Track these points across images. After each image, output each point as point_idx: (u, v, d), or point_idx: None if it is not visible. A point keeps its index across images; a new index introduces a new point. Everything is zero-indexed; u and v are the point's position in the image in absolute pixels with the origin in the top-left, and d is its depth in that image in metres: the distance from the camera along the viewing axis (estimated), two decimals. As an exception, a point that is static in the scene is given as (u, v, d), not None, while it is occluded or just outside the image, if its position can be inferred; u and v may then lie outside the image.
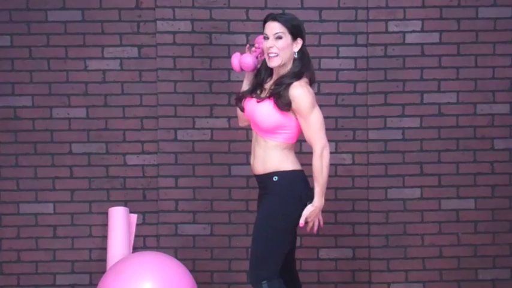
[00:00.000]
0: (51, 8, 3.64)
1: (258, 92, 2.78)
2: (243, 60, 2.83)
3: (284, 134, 2.75)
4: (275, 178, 2.72)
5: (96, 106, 3.67)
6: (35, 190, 3.68)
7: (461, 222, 3.71)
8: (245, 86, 2.91)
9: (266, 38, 2.71)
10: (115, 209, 3.58)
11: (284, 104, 2.68)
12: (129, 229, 3.57)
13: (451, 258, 3.71)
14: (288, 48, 2.70)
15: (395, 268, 3.71)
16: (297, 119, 2.74)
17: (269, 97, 2.72)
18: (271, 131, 2.72)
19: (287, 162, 2.75)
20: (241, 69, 2.89)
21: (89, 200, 3.68)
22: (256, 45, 2.87)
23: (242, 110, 2.82)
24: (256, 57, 2.85)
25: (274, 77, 2.79)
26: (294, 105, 2.68)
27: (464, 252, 3.71)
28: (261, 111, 2.72)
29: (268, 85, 2.79)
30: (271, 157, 2.73)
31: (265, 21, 2.75)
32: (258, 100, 2.73)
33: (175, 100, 3.67)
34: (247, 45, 2.90)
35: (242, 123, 3.01)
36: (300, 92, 2.69)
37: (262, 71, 2.83)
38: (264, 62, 2.84)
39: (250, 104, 2.79)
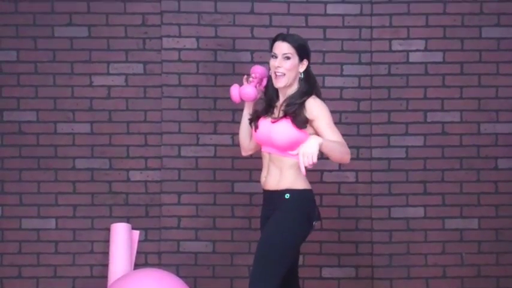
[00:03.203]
0: (57, 24, 3.66)
1: (271, 112, 2.82)
2: (243, 92, 2.87)
3: None
4: (287, 196, 2.75)
5: (101, 122, 3.68)
6: (38, 205, 3.66)
7: (464, 242, 3.69)
8: (246, 115, 2.96)
9: (274, 57, 2.77)
10: (117, 225, 3.57)
11: (302, 122, 2.72)
12: (131, 245, 3.56)
13: (454, 279, 3.67)
14: (295, 69, 2.76)
15: (398, 288, 3.70)
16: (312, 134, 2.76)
17: (284, 116, 2.76)
18: (288, 149, 2.73)
19: (299, 181, 2.77)
20: (241, 100, 2.92)
21: (91, 215, 3.67)
22: (253, 75, 2.91)
23: (256, 128, 2.84)
24: (255, 87, 2.89)
25: (281, 97, 2.83)
26: (312, 117, 2.71)
27: (467, 273, 3.68)
28: (277, 130, 2.75)
29: (278, 104, 2.83)
30: (287, 175, 2.76)
31: (274, 41, 2.80)
32: (273, 120, 2.77)
33: (179, 116, 3.68)
34: (245, 76, 2.95)
35: (246, 152, 3.04)
36: (317, 102, 2.75)
37: (270, 90, 2.87)
38: (270, 80, 2.87)
39: (263, 124, 2.82)
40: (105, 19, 3.67)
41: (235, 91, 2.92)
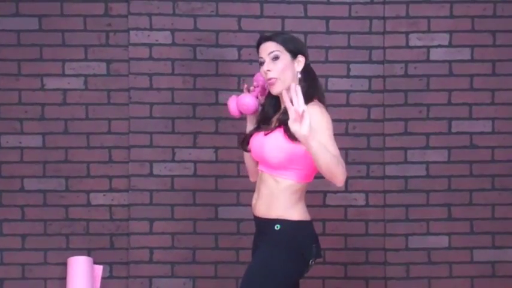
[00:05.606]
0: (1, 14, 3.47)
1: (268, 124, 2.69)
2: (241, 102, 2.75)
3: (296, 171, 2.58)
4: (277, 226, 2.57)
5: (55, 133, 3.51)
6: (-22, 235, 3.49)
7: (498, 278, 3.50)
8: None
9: (262, 62, 2.64)
10: (76, 258, 3.44)
11: None
12: (92, 283, 3.41)
13: (485, 322, 3.54)
14: (289, 69, 2.61)
15: (418, 334, 3.51)
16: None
17: (278, 127, 2.60)
18: (282, 166, 2.55)
19: (294, 210, 2.59)
20: (241, 113, 2.78)
21: (44, 247, 3.50)
22: (255, 83, 2.81)
23: (248, 150, 2.72)
24: (257, 97, 2.77)
25: (282, 105, 2.69)
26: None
27: (501, 315, 3.53)
28: (269, 143, 2.59)
29: (275, 118, 2.70)
30: (278, 200, 2.59)
31: (258, 45, 2.69)
32: (266, 132, 2.62)
33: (151, 126, 3.51)
34: (245, 85, 2.83)
35: (255, 178, 2.86)
36: (317, 110, 2.52)
37: (267, 104, 2.74)
38: (268, 94, 2.74)
39: (256, 139, 2.68)
40: (59, 8, 3.48)
41: (233, 103, 2.78)
